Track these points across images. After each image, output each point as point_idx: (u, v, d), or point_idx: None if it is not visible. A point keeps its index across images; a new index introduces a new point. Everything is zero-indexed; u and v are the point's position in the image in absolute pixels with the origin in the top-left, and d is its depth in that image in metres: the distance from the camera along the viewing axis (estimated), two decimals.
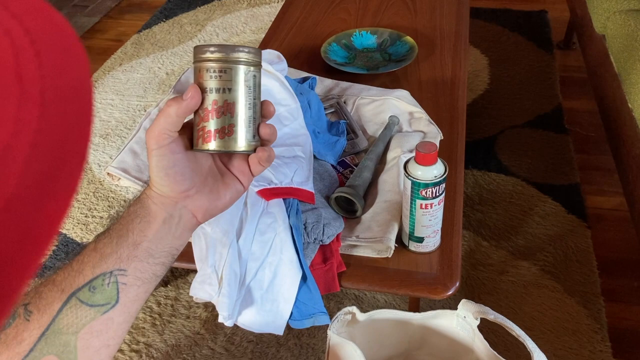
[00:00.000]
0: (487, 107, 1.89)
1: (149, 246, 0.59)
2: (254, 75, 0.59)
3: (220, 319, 0.83)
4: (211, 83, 0.59)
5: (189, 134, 0.61)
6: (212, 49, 0.58)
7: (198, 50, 0.60)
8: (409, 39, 1.39)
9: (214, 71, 0.58)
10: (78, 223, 1.58)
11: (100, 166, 1.76)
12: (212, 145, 0.59)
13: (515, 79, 2.00)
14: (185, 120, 0.59)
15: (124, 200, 1.63)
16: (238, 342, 1.25)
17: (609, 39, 1.53)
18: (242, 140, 0.60)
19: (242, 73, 0.58)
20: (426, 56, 1.38)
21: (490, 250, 1.42)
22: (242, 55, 0.58)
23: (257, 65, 0.60)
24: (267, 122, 0.63)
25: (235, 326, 0.87)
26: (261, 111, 0.62)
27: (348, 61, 1.38)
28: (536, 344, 1.20)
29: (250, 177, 0.65)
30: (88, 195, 1.66)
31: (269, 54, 1.11)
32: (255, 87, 0.60)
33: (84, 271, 0.56)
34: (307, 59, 1.40)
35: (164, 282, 1.38)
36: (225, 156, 0.65)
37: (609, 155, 1.52)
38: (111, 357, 0.57)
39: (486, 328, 0.82)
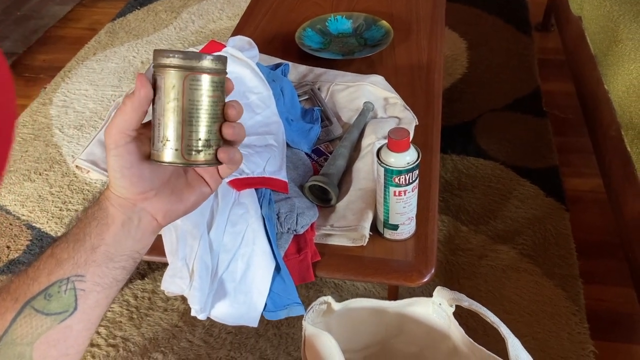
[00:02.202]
0: (465, 91, 1.88)
1: (108, 250, 0.56)
2: (156, 78, 0.55)
3: (193, 313, 0.82)
4: None
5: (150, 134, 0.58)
6: None
7: None
8: (384, 23, 1.37)
9: None
10: (52, 217, 1.55)
11: (74, 158, 1.73)
12: None
13: (493, 62, 1.99)
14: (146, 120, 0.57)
15: (99, 193, 1.60)
16: (217, 333, 1.23)
17: (585, 20, 1.52)
18: (151, 146, 0.57)
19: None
20: (402, 40, 1.36)
21: (470, 235, 1.42)
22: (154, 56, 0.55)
23: (162, 66, 0.55)
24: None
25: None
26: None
27: (323, 47, 1.36)
28: (515, 327, 1.20)
29: (219, 179, 0.63)
30: (62, 188, 1.63)
31: (239, 40, 1.09)
32: (161, 92, 0.55)
33: (39, 278, 0.54)
34: (281, 45, 1.37)
35: (141, 275, 1.37)
36: None
37: (586, 137, 1.52)
38: None
39: (465, 312, 0.81)
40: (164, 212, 0.59)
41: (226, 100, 0.59)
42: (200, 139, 0.56)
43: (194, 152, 0.56)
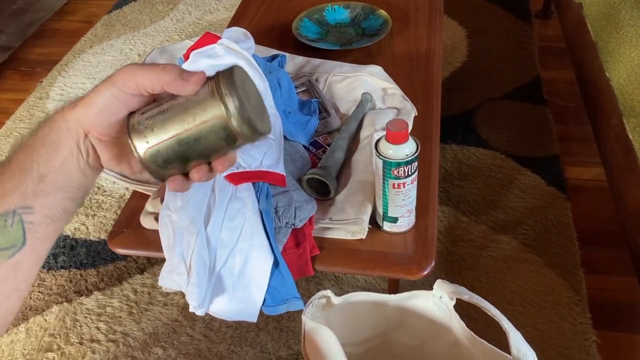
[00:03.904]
0: (465, 81, 1.86)
1: (56, 178, 0.52)
2: (206, 83, 0.54)
3: (191, 309, 0.81)
4: None
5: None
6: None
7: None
8: (382, 12, 1.35)
9: None
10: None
11: None
12: None
13: (493, 50, 1.98)
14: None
15: (97, 187, 1.59)
16: (217, 327, 1.23)
17: (586, 6, 1.51)
18: (137, 114, 0.55)
19: None
20: (400, 30, 1.34)
21: (470, 226, 1.41)
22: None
23: (218, 87, 0.52)
24: None
25: None
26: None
27: (320, 37, 1.34)
28: (517, 318, 1.19)
29: None
30: None
31: (235, 31, 1.07)
32: (193, 96, 0.53)
33: None
34: (278, 36, 1.36)
35: (140, 270, 1.36)
36: None
37: (588, 125, 1.51)
38: (22, 299, 0.53)
39: (467, 303, 0.80)
40: (107, 159, 0.56)
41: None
42: (167, 159, 0.53)
43: (154, 162, 0.53)
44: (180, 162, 0.54)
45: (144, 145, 0.53)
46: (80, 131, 0.54)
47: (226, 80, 0.52)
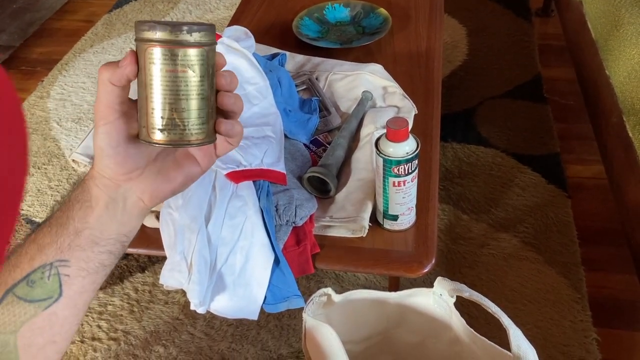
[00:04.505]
0: (465, 79, 1.86)
1: (92, 233, 0.54)
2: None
3: (192, 307, 0.82)
4: None
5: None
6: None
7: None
8: (382, 11, 1.36)
9: None
10: (52, 211, 1.54)
11: (72, 152, 1.72)
12: None
13: (493, 48, 1.98)
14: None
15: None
16: (218, 325, 1.23)
17: (586, 5, 1.51)
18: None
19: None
20: (400, 28, 1.35)
21: (471, 224, 1.41)
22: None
23: (136, 40, 0.53)
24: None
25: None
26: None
27: (321, 35, 1.34)
28: (517, 316, 1.19)
29: (213, 157, 0.59)
30: (61, 182, 1.62)
31: (235, 30, 1.07)
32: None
33: (20, 265, 0.52)
34: (279, 35, 1.36)
35: (141, 269, 1.36)
36: None
37: (588, 123, 1.51)
38: (60, 352, 0.54)
39: (467, 301, 0.80)
40: (150, 192, 0.57)
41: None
42: (183, 116, 0.52)
43: (181, 130, 0.53)
44: (196, 110, 0.53)
45: (151, 132, 0.53)
46: (109, 184, 0.55)
47: (139, 28, 0.52)
